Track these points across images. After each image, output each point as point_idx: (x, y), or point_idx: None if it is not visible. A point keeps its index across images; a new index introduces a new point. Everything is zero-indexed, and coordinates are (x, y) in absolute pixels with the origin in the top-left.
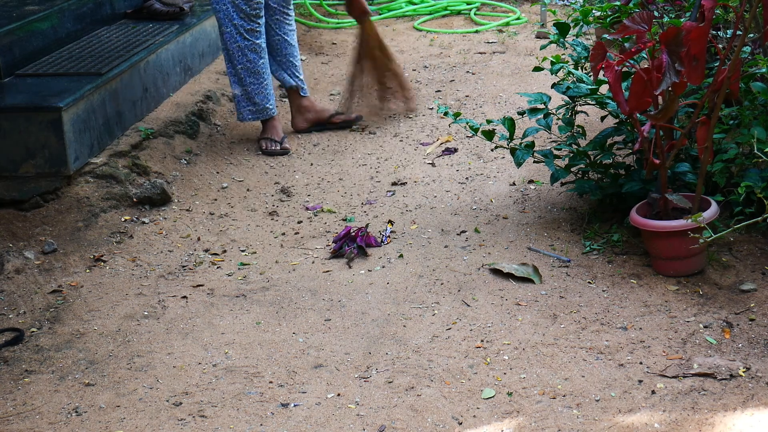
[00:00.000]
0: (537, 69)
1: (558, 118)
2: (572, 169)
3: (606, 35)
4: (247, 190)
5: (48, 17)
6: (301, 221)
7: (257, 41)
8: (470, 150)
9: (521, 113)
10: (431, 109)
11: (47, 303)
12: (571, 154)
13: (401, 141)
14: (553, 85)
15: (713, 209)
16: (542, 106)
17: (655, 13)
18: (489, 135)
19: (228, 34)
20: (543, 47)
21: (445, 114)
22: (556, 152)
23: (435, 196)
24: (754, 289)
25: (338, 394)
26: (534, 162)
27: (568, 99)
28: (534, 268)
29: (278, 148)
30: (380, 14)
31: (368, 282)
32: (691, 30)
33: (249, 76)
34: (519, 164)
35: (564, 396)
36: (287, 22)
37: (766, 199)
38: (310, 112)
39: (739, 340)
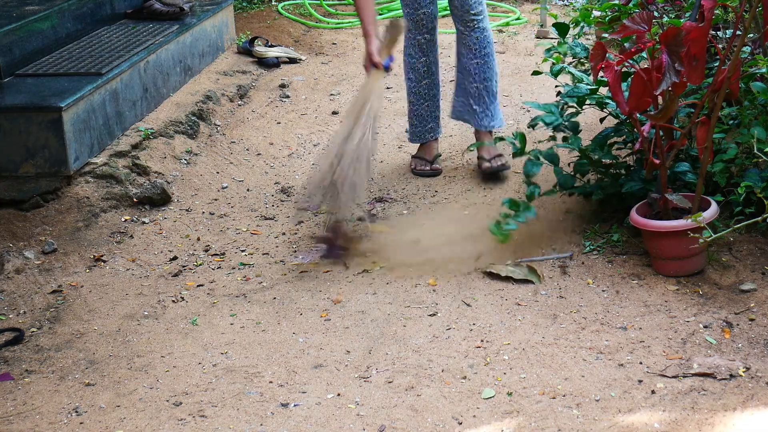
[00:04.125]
0: (536, 73)
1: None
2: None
3: (606, 35)
4: (247, 190)
5: (48, 17)
6: (301, 221)
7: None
8: (469, 151)
9: (532, 126)
10: None
11: (47, 303)
12: (575, 158)
13: (403, 143)
14: (558, 93)
15: (713, 209)
16: (552, 116)
17: (655, 13)
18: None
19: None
20: (548, 51)
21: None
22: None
23: (434, 197)
24: (754, 289)
25: (338, 394)
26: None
27: (576, 105)
28: (529, 268)
29: (428, 168)
30: (380, 14)
31: (368, 282)
32: (691, 30)
33: (409, 94)
34: (528, 176)
35: (564, 396)
36: (465, 33)
37: (766, 199)
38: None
39: (739, 340)
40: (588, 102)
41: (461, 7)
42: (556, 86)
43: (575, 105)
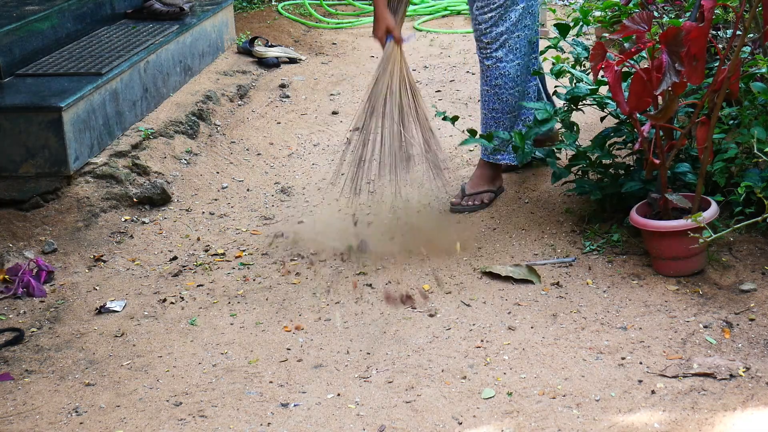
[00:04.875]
0: (536, 73)
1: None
2: (572, 169)
3: (606, 35)
4: (247, 190)
5: (48, 17)
6: (302, 222)
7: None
8: (469, 152)
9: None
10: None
11: (47, 303)
12: (572, 155)
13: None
14: (555, 93)
15: (713, 209)
16: (551, 119)
17: (655, 13)
18: (489, 137)
19: None
20: (542, 52)
21: (444, 118)
22: (556, 153)
23: (434, 199)
24: (754, 289)
25: (338, 394)
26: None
27: (569, 103)
28: (528, 268)
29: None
30: None
31: (367, 282)
32: (691, 30)
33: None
34: (522, 162)
35: (564, 396)
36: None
37: (766, 199)
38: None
39: (739, 340)
40: (587, 101)
41: (476, 32)
42: (555, 87)
43: (570, 104)
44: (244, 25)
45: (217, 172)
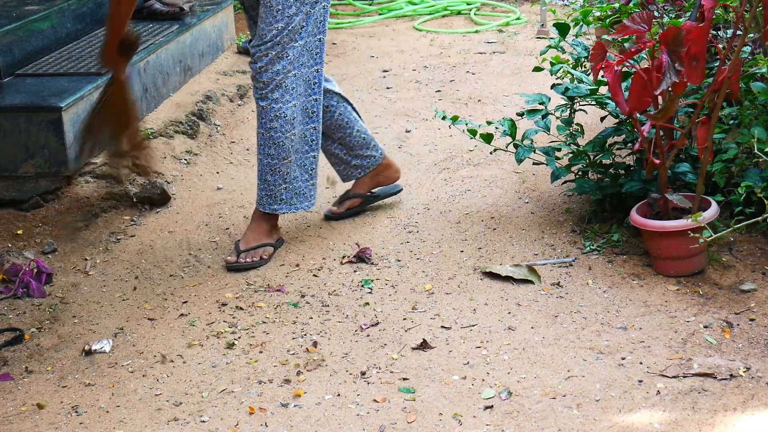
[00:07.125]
0: (537, 69)
1: (557, 118)
2: (572, 169)
3: (606, 35)
4: (247, 190)
5: (48, 17)
6: (308, 226)
7: None
8: (469, 152)
9: (520, 114)
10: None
11: (47, 303)
12: (571, 154)
13: (403, 143)
14: (553, 86)
15: (713, 209)
16: (540, 107)
17: (655, 13)
18: (487, 138)
19: None
20: (543, 52)
21: (443, 118)
22: (556, 153)
23: (434, 200)
24: (754, 289)
25: (338, 394)
26: (534, 164)
27: (567, 99)
28: (529, 268)
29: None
30: (380, 14)
31: (367, 282)
32: (691, 30)
33: None
34: (520, 161)
35: (564, 396)
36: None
37: (766, 198)
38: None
39: (739, 340)
40: (587, 101)
41: (252, 70)
42: (553, 85)
43: (566, 100)
44: (244, 25)
45: (217, 172)
